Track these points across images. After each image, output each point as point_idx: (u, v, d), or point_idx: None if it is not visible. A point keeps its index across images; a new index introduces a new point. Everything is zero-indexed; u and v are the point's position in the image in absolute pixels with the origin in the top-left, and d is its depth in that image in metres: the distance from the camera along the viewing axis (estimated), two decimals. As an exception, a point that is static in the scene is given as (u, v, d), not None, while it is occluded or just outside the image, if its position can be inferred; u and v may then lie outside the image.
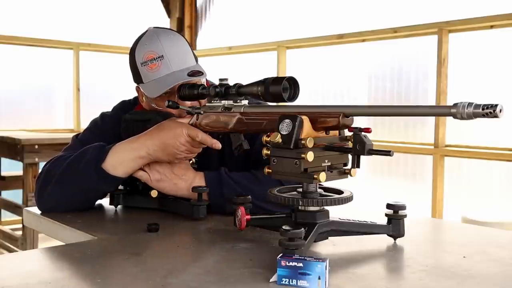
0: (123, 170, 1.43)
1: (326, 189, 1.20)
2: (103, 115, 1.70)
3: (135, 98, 1.72)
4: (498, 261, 1.08)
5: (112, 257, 1.12)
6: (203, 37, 5.94)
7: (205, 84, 1.59)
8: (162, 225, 1.30)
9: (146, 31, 1.56)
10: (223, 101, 1.32)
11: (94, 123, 1.69)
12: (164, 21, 6.04)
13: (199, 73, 1.49)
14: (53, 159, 1.53)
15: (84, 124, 5.43)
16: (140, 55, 1.50)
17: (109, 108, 1.75)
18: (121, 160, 1.42)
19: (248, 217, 1.19)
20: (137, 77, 1.54)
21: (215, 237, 1.25)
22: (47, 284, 0.92)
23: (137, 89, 1.61)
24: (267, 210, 1.34)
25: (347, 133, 1.13)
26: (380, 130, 4.24)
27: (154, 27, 1.57)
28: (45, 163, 1.57)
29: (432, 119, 3.83)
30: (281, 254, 0.93)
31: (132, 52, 1.54)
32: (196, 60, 1.57)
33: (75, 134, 1.69)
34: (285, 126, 1.06)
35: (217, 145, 1.36)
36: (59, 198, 1.47)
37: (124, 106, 1.72)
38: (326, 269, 0.89)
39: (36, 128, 5.14)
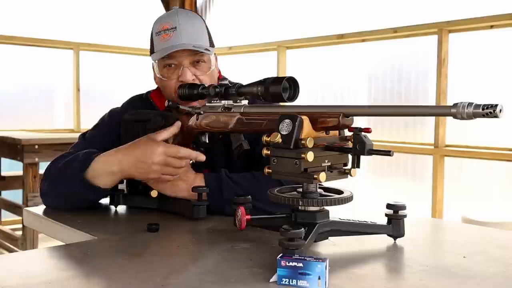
0: (101, 182, 1.43)
1: (326, 189, 1.20)
2: (112, 111, 1.71)
3: (148, 93, 1.73)
4: (498, 261, 1.08)
5: (112, 257, 1.12)
6: (203, 37, 5.93)
7: (218, 75, 1.62)
8: (162, 225, 1.30)
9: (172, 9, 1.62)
10: (223, 101, 1.32)
11: (101, 120, 1.70)
12: (164, 21, 6.03)
13: (207, 50, 1.52)
14: (58, 156, 1.56)
15: (84, 124, 5.44)
16: (156, 26, 1.56)
17: (109, 108, 1.75)
18: (98, 172, 1.42)
19: (248, 217, 1.19)
20: (151, 48, 1.58)
21: (215, 237, 1.25)
22: (47, 284, 0.92)
23: (153, 65, 1.62)
24: (267, 212, 1.34)
25: (347, 133, 1.13)
26: (380, 130, 4.24)
27: (180, 7, 1.64)
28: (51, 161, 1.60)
29: (432, 119, 3.83)
30: (281, 254, 0.93)
31: (153, 25, 1.59)
32: (212, 45, 1.59)
33: (82, 132, 1.70)
34: (285, 126, 1.06)
35: (201, 157, 1.37)
36: (54, 198, 1.52)
37: (133, 102, 1.72)
38: (326, 269, 0.89)
39: (36, 128, 5.14)
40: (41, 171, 3.89)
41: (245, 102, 1.30)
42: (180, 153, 1.35)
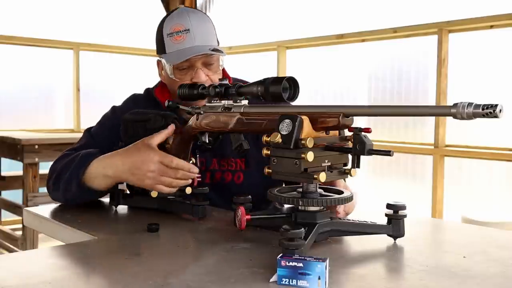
0: (98, 184, 1.45)
1: (326, 189, 1.20)
2: (114, 108, 1.72)
3: (147, 91, 1.73)
4: (498, 261, 1.08)
5: (112, 257, 1.12)
6: (203, 37, 5.93)
7: (223, 75, 1.64)
8: (162, 225, 1.30)
9: (177, 8, 1.63)
10: (223, 101, 1.32)
11: (105, 116, 1.72)
12: (164, 21, 6.03)
13: (220, 51, 1.55)
14: (63, 153, 1.59)
15: (84, 124, 5.44)
16: (168, 27, 1.57)
17: (109, 108, 1.75)
18: (94, 175, 1.44)
19: (248, 217, 1.19)
20: (161, 48, 1.59)
21: (215, 237, 1.25)
22: (47, 284, 0.92)
23: (158, 62, 1.65)
24: None
25: (347, 133, 1.13)
26: (380, 130, 4.24)
27: (185, 6, 1.64)
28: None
29: (432, 119, 3.83)
30: (281, 254, 0.93)
31: (161, 24, 1.61)
32: (218, 44, 1.63)
33: (87, 128, 1.70)
34: (285, 126, 1.06)
35: (194, 170, 1.36)
36: (59, 195, 1.53)
37: (136, 99, 1.73)
38: (326, 269, 0.89)
39: (36, 128, 5.14)
40: (41, 171, 3.90)
41: (245, 102, 1.30)
42: (173, 163, 1.34)
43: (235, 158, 1.68)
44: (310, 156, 1.03)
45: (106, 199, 1.58)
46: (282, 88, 1.15)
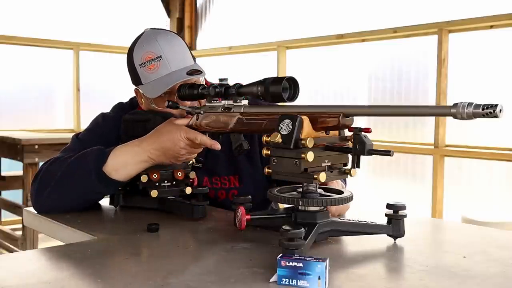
0: (126, 173, 1.42)
1: (326, 189, 1.20)
2: (105, 115, 1.69)
3: (131, 100, 1.72)
4: (498, 261, 1.08)
5: (112, 257, 1.12)
6: (203, 37, 5.94)
7: (204, 83, 1.59)
8: (162, 225, 1.30)
9: (143, 32, 1.56)
10: (223, 101, 1.32)
11: (95, 123, 1.68)
12: (164, 21, 6.04)
13: (198, 72, 1.49)
14: (51, 160, 1.52)
15: (84, 124, 5.44)
16: (138, 57, 1.50)
17: (109, 109, 1.74)
18: (124, 163, 1.41)
19: (248, 217, 1.19)
20: (136, 79, 1.53)
21: (215, 237, 1.25)
22: (47, 284, 0.92)
23: (136, 91, 1.61)
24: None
25: (347, 133, 1.13)
26: (380, 130, 4.24)
27: (151, 28, 1.57)
28: (42, 163, 1.56)
29: (432, 119, 3.83)
30: (281, 254, 0.93)
31: (130, 54, 1.53)
32: (194, 60, 1.57)
33: (74, 134, 1.68)
34: (285, 126, 1.06)
35: (217, 146, 1.35)
36: (58, 201, 1.47)
37: (123, 107, 1.71)
38: (326, 269, 0.89)
39: (36, 128, 5.14)
40: (41, 171, 3.89)
41: (245, 102, 1.30)
42: (198, 139, 1.34)
43: (228, 175, 1.68)
44: (310, 156, 1.03)
45: (106, 199, 1.58)
46: (282, 88, 1.15)
